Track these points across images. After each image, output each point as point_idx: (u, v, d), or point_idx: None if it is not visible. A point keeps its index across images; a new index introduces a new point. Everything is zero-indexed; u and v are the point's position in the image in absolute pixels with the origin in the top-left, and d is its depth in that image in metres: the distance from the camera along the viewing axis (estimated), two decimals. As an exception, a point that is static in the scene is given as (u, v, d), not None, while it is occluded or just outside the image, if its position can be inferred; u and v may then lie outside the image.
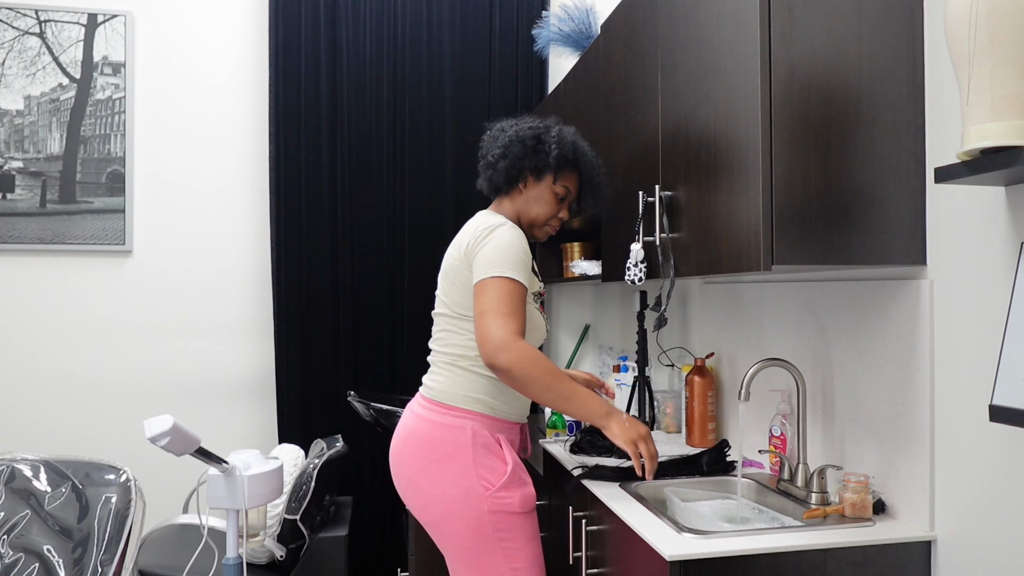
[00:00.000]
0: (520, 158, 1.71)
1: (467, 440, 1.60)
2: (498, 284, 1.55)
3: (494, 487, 1.58)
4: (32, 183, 2.93)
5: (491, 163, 1.74)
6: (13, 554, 1.68)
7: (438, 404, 1.65)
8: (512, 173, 1.72)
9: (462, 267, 1.64)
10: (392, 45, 3.08)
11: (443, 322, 1.70)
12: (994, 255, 1.18)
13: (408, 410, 1.73)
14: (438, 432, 1.62)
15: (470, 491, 1.58)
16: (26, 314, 2.93)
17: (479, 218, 1.71)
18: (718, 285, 2.06)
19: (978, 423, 1.22)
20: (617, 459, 1.90)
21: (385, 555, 3.08)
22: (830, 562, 1.27)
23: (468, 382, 1.64)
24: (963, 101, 1.01)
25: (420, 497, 1.63)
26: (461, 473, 1.58)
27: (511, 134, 1.73)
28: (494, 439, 1.63)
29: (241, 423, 3.10)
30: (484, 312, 1.54)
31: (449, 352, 1.67)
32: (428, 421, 1.64)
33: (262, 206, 3.12)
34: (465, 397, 1.63)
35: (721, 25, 1.41)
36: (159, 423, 1.56)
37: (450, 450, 1.60)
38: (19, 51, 2.93)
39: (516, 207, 1.76)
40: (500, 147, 1.72)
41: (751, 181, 1.29)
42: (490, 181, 1.76)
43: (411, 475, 1.64)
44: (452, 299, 1.67)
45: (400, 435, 1.69)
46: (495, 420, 1.65)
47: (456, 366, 1.65)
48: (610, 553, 1.53)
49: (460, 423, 1.61)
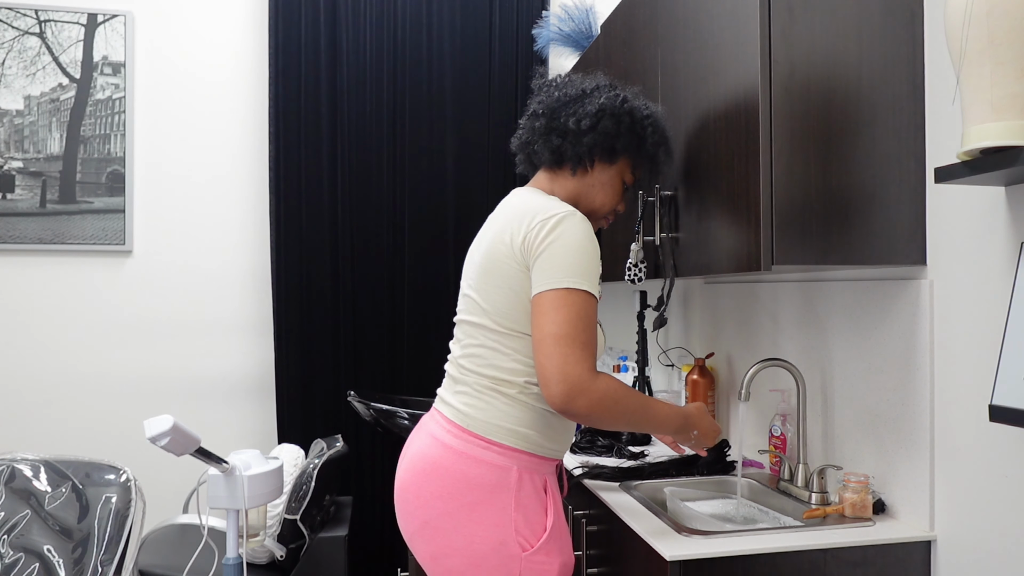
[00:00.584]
0: (612, 136, 1.38)
1: (511, 484, 1.28)
2: (572, 300, 1.23)
3: (532, 547, 1.27)
4: (32, 183, 2.93)
5: (572, 131, 1.38)
6: (13, 554, 1.68)
7: (475, 436, 1.30)
8: (596, 150, 1.39)
9: (514, 267, 1.29)
10: (392, 45, 3.08)
11: (480, 335, 1.34)
12: (994, 255, 1.18)
13: (427, 435, 1.37)
14: (475, 470, 1.28)
15: (502, 547, 1.26)
16: (26, 314, 2.93)
17: (532, 200, 1.34)
18: (718, 285, 2.06)
19: (978, 423, 1.22)
20: (617, 459, 1.90)
21: (385, 555, 3.08)
22: (830, 562, 1.27)
23: (516, 413, 1.30)
24: (963, 101, 1.01)
25: (436, 544, 1.30)
26: (495, 523, 1.27)
27: (603, 102, 1.38)
28: (541, 483, 1.33)
29: (241, 423, 3.10)
30: (552, 338, 1.21)
31: (490, 375, 1.32)
32: (462, 455, 1.29)
33: (262, 206, 3.12)
34: (511, 432, 1.30)
35: (721, 25, 1.41)
36: (159, 423, 1.56)
37: (487, 494, 1.27)
38: (19, 51, 2.93)
39: (580, 190, 1.42)
40: (589, 116, 1.36)
41: (751, 181, 1.29)
42: (556, 151, 1.40)
43: (429, 517, 1.31)
44: (496, 307, 1.32)
45: (418, 467, 1.34)
46: (542, 460, 1.33)
47: (500, 392, 1.31)
48: (610, 553, 1.53)
49: (504, 462, 1.29)
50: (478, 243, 1.41)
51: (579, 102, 1.39)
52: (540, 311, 1.23)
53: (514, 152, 1.51)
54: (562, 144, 1.39)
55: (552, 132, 1.40)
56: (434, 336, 3.09)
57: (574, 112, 1.38)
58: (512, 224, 1.31)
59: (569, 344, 1.20)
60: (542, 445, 1.33)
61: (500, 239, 1.32)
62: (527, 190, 1.41)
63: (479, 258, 1.36)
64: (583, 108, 1.38)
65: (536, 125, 1.42)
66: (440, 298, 3.09)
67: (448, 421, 1.34)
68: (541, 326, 1.23)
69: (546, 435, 1.33)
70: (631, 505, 1.51)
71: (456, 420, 1.33)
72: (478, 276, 1.35)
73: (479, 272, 1.35)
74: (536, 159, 1.45)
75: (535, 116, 1.43)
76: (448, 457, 1.30)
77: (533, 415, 1.31)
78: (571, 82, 1.44)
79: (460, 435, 1.31)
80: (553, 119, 1.40)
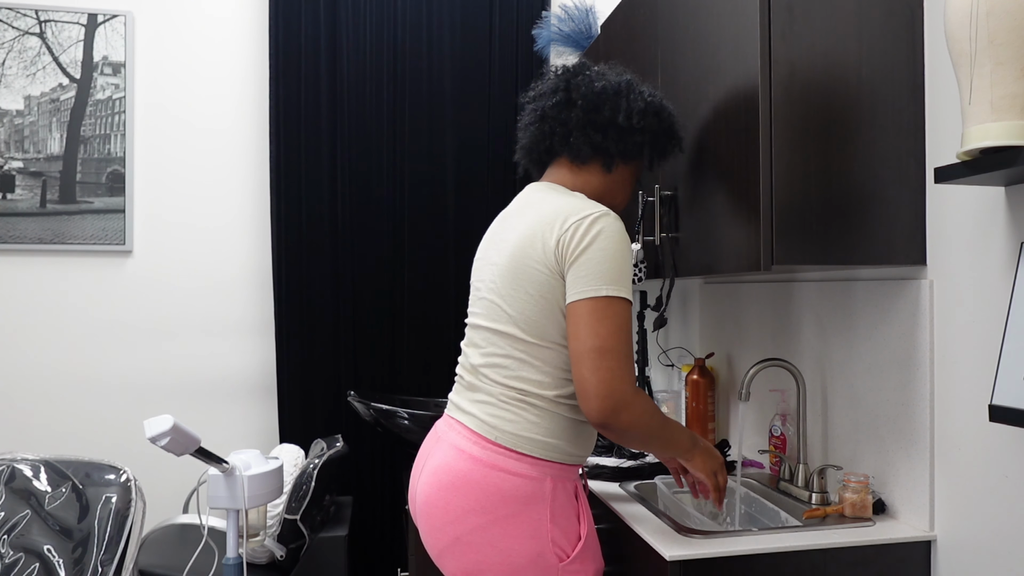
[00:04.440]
0: (655, 135, 1.37)
1: (546, 495, 1.25)
2: (614, 311, 1.18)
3: (568, 557, 1.26)
4: (32, 183, 2.93)
5: (619, 127, 1.33)
6: (13, 554, 1.68)
7: (504, 448, 1.25)
8: (639, 148, 1.36)
9: (546, 274, 1.23)
10: (392, 45, 3.08)
11: (506, 344, 1.28)
12: (994, 255, 1.18)
13: (449, 446, 1.30)
14: (509, 483, 1.23)
15: (540, 559, 1.23)
16: (26, 314, 2.93)
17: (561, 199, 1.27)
18: (718, 285, 2.06)
19: (978, 423, 1.22)
20: (617, 459, 1.90)
21: (385, 555, 3.08)
22: (830, 562, 1.27)
23: (546, 425, 1.26)
24: (963, 101, 1.01)
25: (468, 559, 1.25)
26: (532, 535, 1.23)
27: (648, 99, 1.35)
28: (572, 491, 1.31)
29: (241, 423, 3.10)
30: (597, 352, 1.16)
31: (518, 387, 1.26)
32: (494, 467, 1.24)
33: (262, 206, 3.12)
34: (542, 444, 1.26)
35: (721, 25, 1.41)
36: (159, 423, 1.56)
37: (522, 506, 1.24)
38: (19, 51, 2.93)
39: (607, 186, 1.38)
40: (638, 112, 1.32)
41: (751, 181, 1.29)
42: (597, 147, 1.33)
43: (460, 533, 1.25)
44: (525, 316, 1.25)
45: (444, 481, 1.27)
46: (571, 468, 1.31)
47: (529, 404, 1.26)
48: (610, 553, 1.53)
49: (538, 474, 1.25)
50: (498, 244, 1.33)
51: (623, 96, 1.33)
52: (579, 321, 1.18)
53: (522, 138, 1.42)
54: (603, 140, 1.33)
55: (590, 125, 1.32)
56: (434, 336, 3.09)
57: (620, 107, 1.32)
58: (543, 226, 1.24)
59: (614, 358, 1.17)
60: (571, 453, 1.29)
61: (530, 243, 1.25)
62: (548, 187, 1.35)
63: (504, 261, 1.29)
64: (629, 104, 1.32)
65: (571, 116, 1.33)
66: (440, 298, 3.09)
67: (472, 432, 1.29)
68: (582, 338, 1.17)
69: (575, 443, 1.30)
70: (631, 505, 1.51)
71: (481, 431, 1.28)
72: (504, 281, 1.28)
73: (505, 277, 1.28)
74: (564, 150, 1.36)
75: (568, 105, 1.34)
76: (478, 470, 1.25)
77: (562, 425, 1.28)
78: (605, 74, 1.37)
79: (489, 447, 1.26)
80: (594, 111, 1.32)
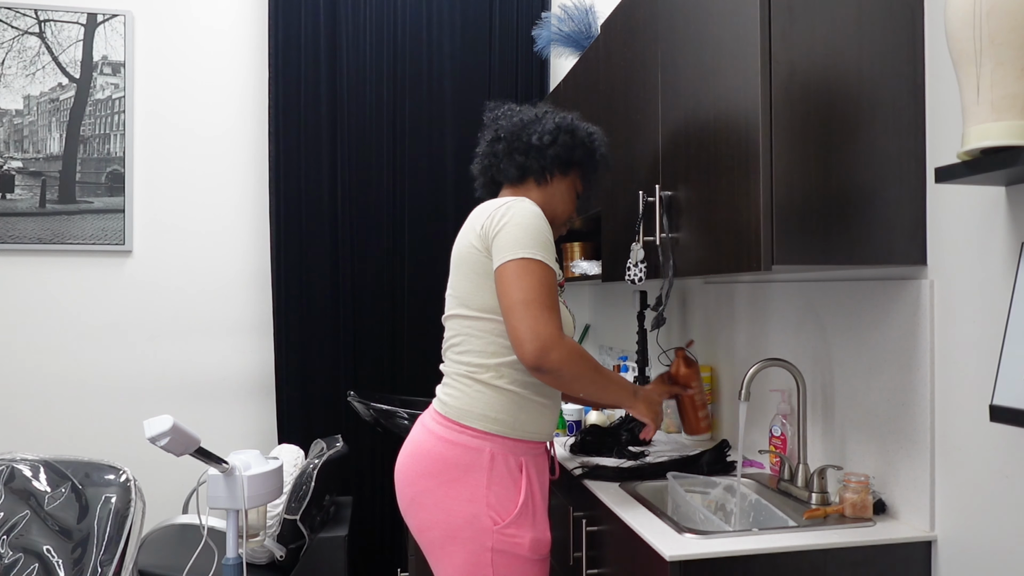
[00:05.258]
0: (570, 148, 1.56)
1: (484, 463, 1.42)
2: (533, 268, 1.35)
3: (503, 522, 1.40)
4: (32, 183, 2.93)
5: (535, 146, 1.55)
6: (13, 554, 1.68)
7: (451, 421, 1.45)
8: (556, 162, 1.56)
9: (477, 254, 1.44)
10: (392, 45, 3.08)
11: (456, 325, 1.50)
12: (994, 255, 1.18)
13: (420, 424, 1.54)
14: (451, 452, 1.43)
15: (475, 520, 1.40)
16: (26, 314, 2.93)
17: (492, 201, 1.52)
18: (718, 285, 2.06)
19: (978, 423, 1.22)
20: (617, 459, 1.90)
21: (385, 555, 3.08)
22: (830, 562, 1.27)
23: (488, 400, 1.44)
24: (963, 101, 1.01)
25: (420, 518, 1.47)
26: (470, 499, 1.41)
27: (558, 121, 1.57)
28: (516, 464, 1.45)
29: (241, 423, 3.10)
30: (521, 303, 1.33)
31: (465, 362, 1.47)
32: (441, 439, 1.45)
33: (262, 206, 3.12)
34: (484, 418, 1.43)
35: (721, 25, 1.41)
36: (159, 423, 1.56)
37: (462, 472, 1.42)
38: (19, 51, 2.93)
39: (543, 199, 1.58)
40: (549, 132, 1.54)
41: (751, 181, 1.29)
42: (521, 167, 1.56)
43: (414, 494, 1.47)
44: (466, 293, 1.47)
45: (408, 451, 1.51)
46: (518, 442, 1.46)
47: (474, 379, 1.45)
48: (610, 553, 1.53)
49: (478, 444, 1.42)
50: (457, 244, 1.55)
51: (537, 123, 1.57)
52: (505, 280, 1.37)
53: (476, 176, 1.66)
54: (526, 160, 1.56)
55: (515, 151, 1.56)
56: (434, 336, 3.09)
57: (534, 131, 1.56)
58: (478, 219, 1.47)
59: (538, 307, 1.34)
60: (515, 428, 1.45)
61: (465, 239, 1.49)
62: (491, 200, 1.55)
63: (455, 256, 1.52)
64: (542, 127, 1.56)
65: (498, 148, 1.59)
66: (440, 298, 3.09)
67: (434, 411, 1.52)
68: (508, 293, 1.36)
69: (518, 418, 1.46)
70: (631, 505, 1.51)
71: (439, 409, 1.50)
72: (454, 274, 1.52)
73: (454, 271, 1.51)
74: (501, 177, 1.61)
75: (496, 141, 1.60)
76: (430, 441, 1.47)
77: (504, 400, 1.45)
78: (522, 110, 1.62)
79: (441, 421, 1.47)
80: (515, 140, 1.57)
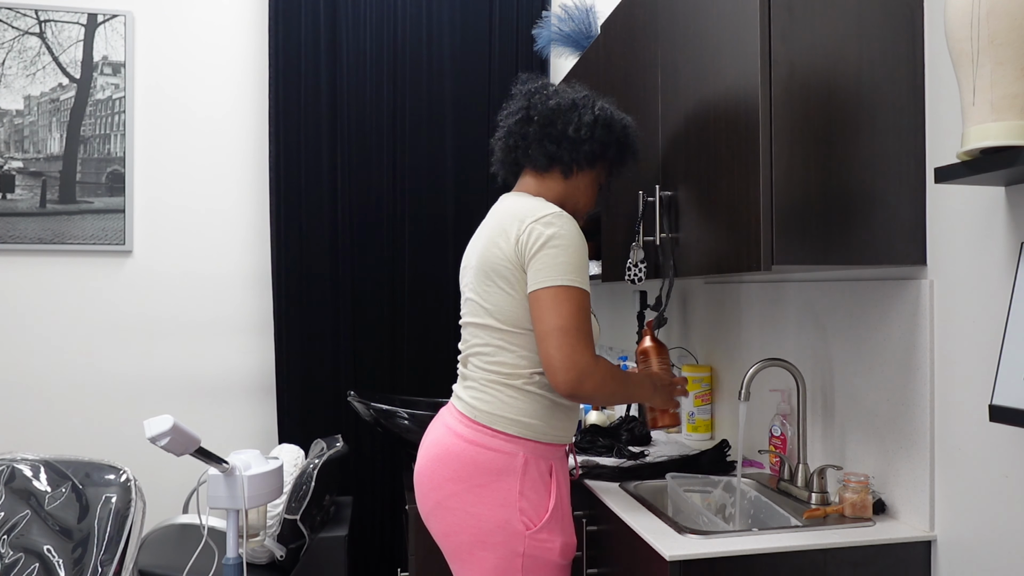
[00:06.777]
0: (605, 145, 1.51)
1: (517, 468, 1.40)
2: (571, 296, 1.34)
3: (535, 527, 1.39)
4: (32, 183, 2.93)
5: (570, 138, 1.48)
6: (13, 554, 1.68)
7: (482, 426, 1.42)
8: (588, 157, 1.50)
9: (512, 269, 1.40)
10: (392, 45, 3.08)
11: (485, 335, 1.45)
12: (994, 255, 1.18)
13: (442, 426, 1.49)
14: (483, 456, 1.40)
15: (507, 525, 1.38)
16: (26, 314, 2.93)
17: (521, 203, 1.44)
18: (719, 285, 2.06)
19: (978, 423, 1.22)
20: (617, 459, 1.90)
21: (385, 555, 3.08)
22: (830, 562, 1.27)
23: (521, 405, 1.42)
24: (963, 101, 1.01)
25: (447, 522, 1.43)
26: (502, 503, 1.39)
27: (597, 113, 1.49)
28: (547, 468, 1.44)
29: (241, 423, 3.10)
30: (559, 331, 1.33)
31: (497, 371, 1.43)
32: (472, 443, 1.41)
33: (262, 206, 3.12)
34: (517, 423, 1.41)
35: (721, 25, 1.41)
36: (159, 423, 1.56)
37: (494, 477, 1.40)
38: (19, 51, 2.93)
39: (567, 191, 1.53)
40: (587, 125, 1.47)
41: (751, 181, 1.29)
42: (551, 156, 1.49)
43: (440, 498, 1.43)
44: (498, 307, 1.42)
45: (432, 453, 1.46)
46: (548, 446, 1.45)
47: (507, 385, 1.42)
48: (610, 553, 1.53)
49: (511, 449, 1.40)
50: (472, 248, 1.51)
51: (574, 111, 1.49)
52: (542, 305, 1.35)
53: (495, 152, 1.59)
54: (558, 150, 1.48)
55: (546, 139, 1.49)
56: (434, 336, 3.09)
57: (571, 120, 1.48)
58: (504, 227, 1.42)
59: (575, 336, 1.33)
60: (546, 432, 1.44)
61: (494, 243, 1.42)
62: (513, 195, 1.50)
63: (476, 262, 1.46)
64: (579, 117, 1.48)
65: (529, 131, 1.50)
66: (440, 298, 3.10)
67: (459, 413, 1.47)
68: (545, 319, 1.34)
69: (550, 423, 1.44)
70: (631, 505, 1.51)
71: (466, 412, 1.45)
72: (478, 280, 1.46)
73: (478, 276, 1.46)
74: (526, 161, 1.53)
75: (527, 121, 1.51)
76: (459, 445, 1.43)
77: (537, 405, 1.42)
78: (559, 91, 1.53)
79: (471, 425, 1.43)
80: (549, 126, 1.49)
